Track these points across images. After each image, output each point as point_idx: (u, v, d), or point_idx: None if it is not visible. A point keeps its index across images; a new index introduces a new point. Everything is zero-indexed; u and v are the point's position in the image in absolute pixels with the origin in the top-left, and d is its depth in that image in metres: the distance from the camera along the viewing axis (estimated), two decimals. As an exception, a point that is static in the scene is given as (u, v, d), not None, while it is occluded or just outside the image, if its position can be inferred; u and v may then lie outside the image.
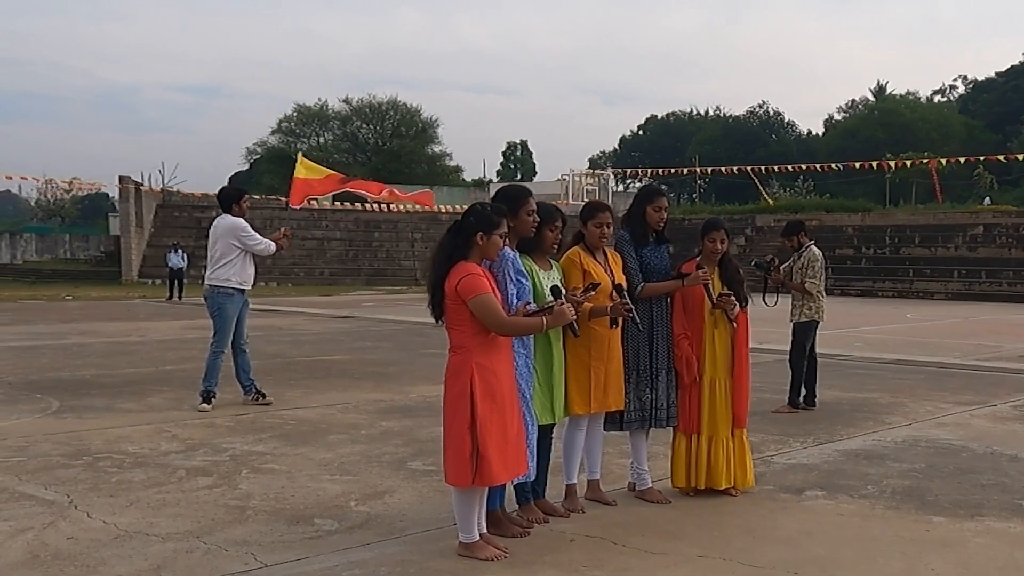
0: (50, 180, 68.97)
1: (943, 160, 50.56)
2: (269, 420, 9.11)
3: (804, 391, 10.06)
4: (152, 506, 6.00)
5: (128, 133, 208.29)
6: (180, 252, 32.28)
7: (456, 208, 46.31)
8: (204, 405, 9.62)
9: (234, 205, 9.96)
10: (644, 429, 6.28)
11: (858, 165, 50.15)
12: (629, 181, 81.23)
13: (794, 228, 10.43)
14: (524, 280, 5.32)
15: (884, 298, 35.40)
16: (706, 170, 63.03)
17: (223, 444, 7.96)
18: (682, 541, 5.38)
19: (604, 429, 6.17)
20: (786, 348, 10.39)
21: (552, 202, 6.43)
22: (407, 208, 49.92)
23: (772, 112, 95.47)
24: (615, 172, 68.01)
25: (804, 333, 10.09)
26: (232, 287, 9.81)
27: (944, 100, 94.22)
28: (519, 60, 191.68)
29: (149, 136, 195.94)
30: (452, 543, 5.10)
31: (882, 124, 78.14)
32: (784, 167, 55.86)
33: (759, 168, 54.31)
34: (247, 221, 10.08)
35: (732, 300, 6.22)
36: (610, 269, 5.99)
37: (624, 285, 5.89)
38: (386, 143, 77.17)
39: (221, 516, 5.79)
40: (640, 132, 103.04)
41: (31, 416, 9.31)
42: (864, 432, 8.74)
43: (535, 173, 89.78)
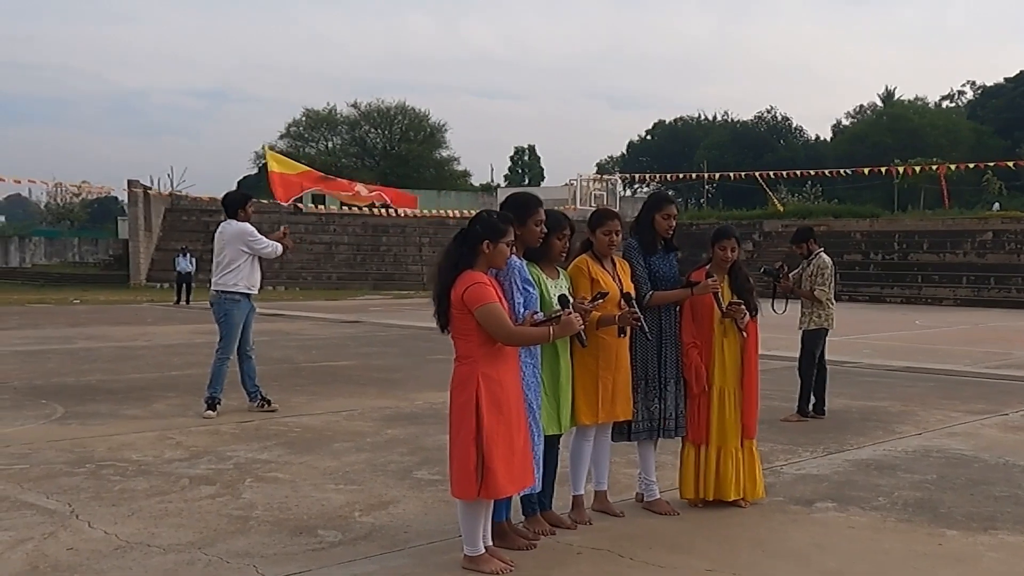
0: (59, 184, 69.23)
1: (952, 166, 50.38)
2: (274, 427, 9.05)
3: (813, 399, 9.98)
4: (154, 516, 5.93)
5: (137, 137, 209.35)
6: (188, 256, 32.33)
7: (464, 213, 46.35)
8: (209, 412, 9.56)
9: (240, 210, 9.90)
10: (652, 439, 6.20)
11: (867, 171, 49.92)
12: (637, 186, 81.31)
13: (804, 235, 10.35)
14: (531, 289, 5.25)
15: (892, 304, 35.27)
16: (714, 175, 62.93)
17: (227, 452, 7.89)
18: (691, 554, 5.30)
19: (612, 439, 6.09)
20: (794, 355, 10.31)
21: (559, 207, 6.36)
22: (413, 213, 49.88)
23: (780, 117, 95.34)
24: (623, 177, 67.83)
25: (813, 341, 10.01)
26: (240, 292, 9.76)
27: (953, 106, 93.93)
28: (527, 65, 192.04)
29: (158, 140, 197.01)
30: (457, 556, 5.02)
31: (890, 129, 77.96)
32: (792, 172, 55.65)
33: (767, 173, 54.13)
34: (253, 225, 10.03)
35: (742, 309, 6.14)
36: (618, 277, 5.91)
37: (632, 294, 5.82)
38: (394, 147, 77.25)
39: (223, 526, 5.72)
40: (648, 137, 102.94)
41: (35, 422, 9.26)
42: (874, 442, 8.64)
43: (543, 178, 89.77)
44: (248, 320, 9.93)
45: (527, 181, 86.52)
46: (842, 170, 52.66)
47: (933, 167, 51.03)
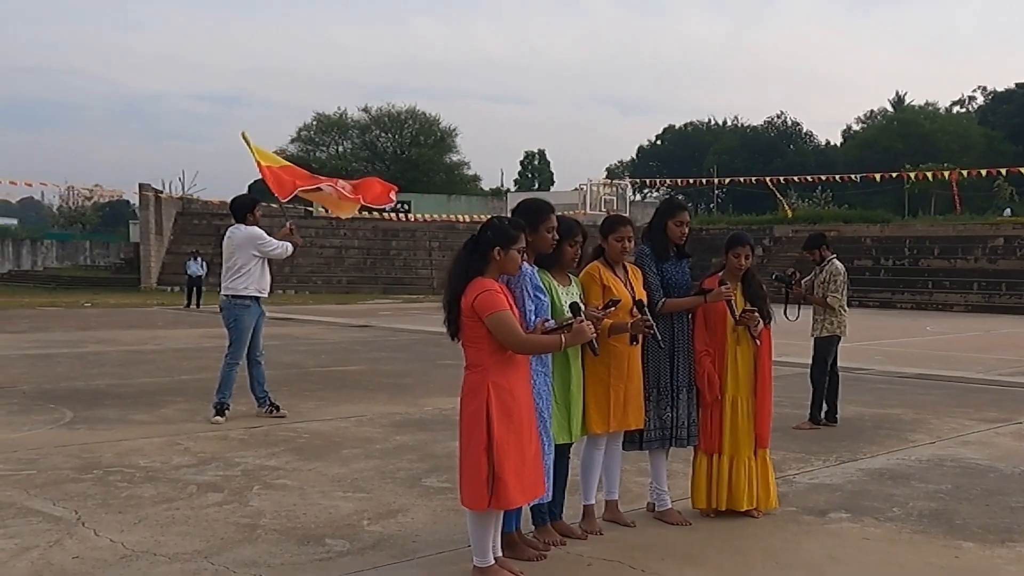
0: (72, 187, 69.48)
1: (964, 171, 50.16)
2: (282, 433, 9.00)
3: (825, 407, 9.89)
4: (161, 524, 5.88)
5: (149, 141, 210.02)
6: (199, 260, 32.24)
7: (474, 218, 46.32)
8: (217, 417, 9.52)
9: (248, 214, 9.88)
10: (664, 448, 6.13)
11: (878, 176, 49.78)
12: (647, 191, 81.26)
13: (816, 241, 10.27)
14: (542, 296, 5.18)
15: (902, 310, 35.13)
16: (723, 180, 62.81)
17: (235, 458, 7.84)
18: (703, 566, 5.22)
19: (623, 448, 6.03)
20: (806, 361, 10.23)
21: (570, 212, 6.29)
22: (424, 217, 49.91)
23: (790, 122, 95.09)
24: (633, 182, 67.80)
25: (825, 348, 9.92)
26: (250, 296, 9.73)
27: (963, 111, 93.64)
28: (537, 70, 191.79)
29: (170, 144, 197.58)
30: (466, 566, 4.95)
31: (901, 135, 77.80)
32: (803, 177, 55.58)
33: (777, 178, 53.99)
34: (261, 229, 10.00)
35: (756, 317, 6.07)
36: (630, 284, 5.85)
37: (645, 301, 5.75)
38: (405, 152, 77.33)
39: (231, 535, 5.67)
40: (658, 142, 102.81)
41: (44, 427, 9.23)
42: (887, 450, 8.56)
43: (553, 182, 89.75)
44: (258, 325, 9.90)
45: (537, 186, 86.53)
46: (852, 175, 52.53)
47: (945, 173, 50.83)
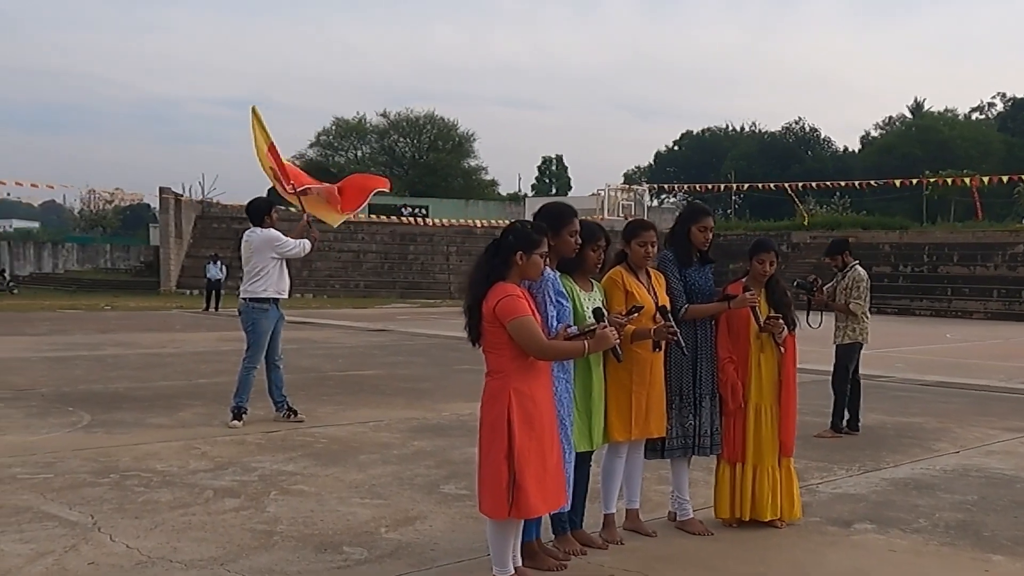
0: (93, 191, 69.84)
1: (984, 178, 49.83)
2: (300, 438, 8.95)
3: (847, 415, 9.78)
4: (177, 529, 5.83)
5: (169, 145, 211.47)
6: (219, 263, 32.28)
7: (492, 223, 46.24)
8: (235, 422, 9.48)
9: (265, 217, 9.87)
10: (686, 456, 6.05)
11: (898, 183, 49.45)
12: (664, 196, 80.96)
13: (839, 247, 10.17)
14: (564, 301, 5.10)
15: (922, 317, 34.84)
16: (741, 186, 62.50)
17: (252, 463, 7.79)
18: (726, 577, 5.14)
19: (645, 456, 5.94)
20: (825, 368, 10.12)
21: (587, 217, 6.20)
22: (441, 221, 49.86)
23: (808, 128, 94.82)
24: (650, 187, 67.63)
25: (847, 355, 9.81)
26: (268, 298, 9.69)
27: (983, 117, 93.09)
28: (555, 75, 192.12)
29: (190, 148, 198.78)
30: (486, 575, 4.88)
31: (920, 141, 77.33)
32: (822, 183, 55.28)
33: (795, 184, 53.74)
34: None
35: (780, 323, 5.98)
36: (653, 290, 5.76)
37: (668, 307, 5.66)
38: (423, 157, 77.35)
39: (247, 541, 5.61)
40: (675, 147, 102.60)
41: (61, 430, 9.21)
42: (911, 460, 8.44)
43: (570, 188, 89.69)
44: (277, 329, 9.85)
45: (554, 191, 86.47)
46: (871, 181, 52.22)
47: (965, 179, 50.48)
